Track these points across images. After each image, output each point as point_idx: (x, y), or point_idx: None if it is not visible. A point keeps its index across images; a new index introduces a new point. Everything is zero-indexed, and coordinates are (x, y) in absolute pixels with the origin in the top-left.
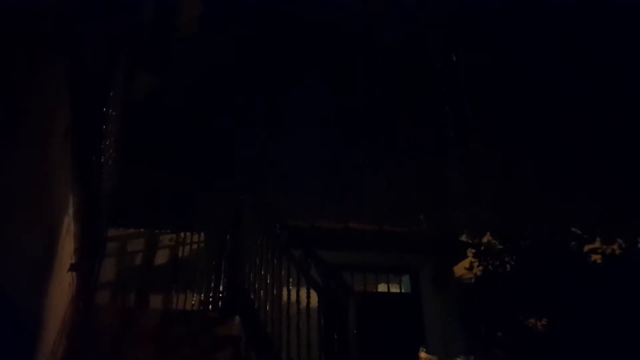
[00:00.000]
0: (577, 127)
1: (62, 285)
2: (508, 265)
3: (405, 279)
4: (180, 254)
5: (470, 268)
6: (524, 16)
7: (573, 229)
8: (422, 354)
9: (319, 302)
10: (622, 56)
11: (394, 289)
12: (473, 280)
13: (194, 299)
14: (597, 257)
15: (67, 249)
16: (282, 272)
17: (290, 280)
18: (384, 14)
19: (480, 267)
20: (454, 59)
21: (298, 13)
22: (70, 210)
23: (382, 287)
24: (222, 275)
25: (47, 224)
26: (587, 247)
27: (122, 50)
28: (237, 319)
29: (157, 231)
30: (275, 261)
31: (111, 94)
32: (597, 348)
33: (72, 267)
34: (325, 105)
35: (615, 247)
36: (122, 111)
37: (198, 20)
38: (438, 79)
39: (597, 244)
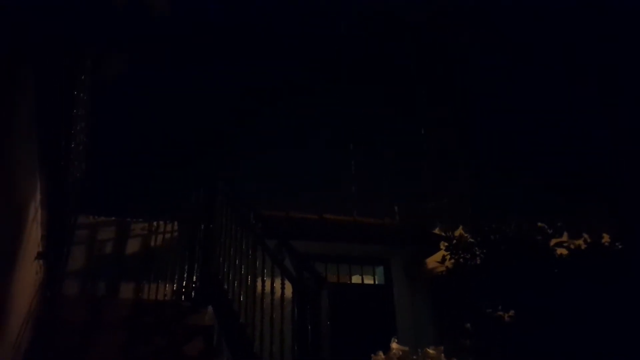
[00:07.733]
0: (548, 124)
1: (28, 274)
2: (478, 259)
3: (379, 270)
4: (152, 243)
5: (443, 261)
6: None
7: (539, 224)
8: (394, 345)
9: (292, 293)
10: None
11: (368, 280)
12: (445, 273)
13: (167, 289)
14: (562, 251)
15: (33, 236)
16: (257, 263)
17: (265, 270)
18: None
19: (452, 260)
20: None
21: None
22: (38, 197)
23: (356, 279)
24: (196, 265)
25: (12, 211)
26: (553, 241)
27: (92, 33)
28: (210, 309)
29: (128, 219)
30: (250, 251)
31: (82, 77)
32: (561, 339)
33: (39, 256)
34: (305, 100)
35: (581, 241)
36: (93, 95)
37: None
38: (417, 75)
39: (564, 238)
